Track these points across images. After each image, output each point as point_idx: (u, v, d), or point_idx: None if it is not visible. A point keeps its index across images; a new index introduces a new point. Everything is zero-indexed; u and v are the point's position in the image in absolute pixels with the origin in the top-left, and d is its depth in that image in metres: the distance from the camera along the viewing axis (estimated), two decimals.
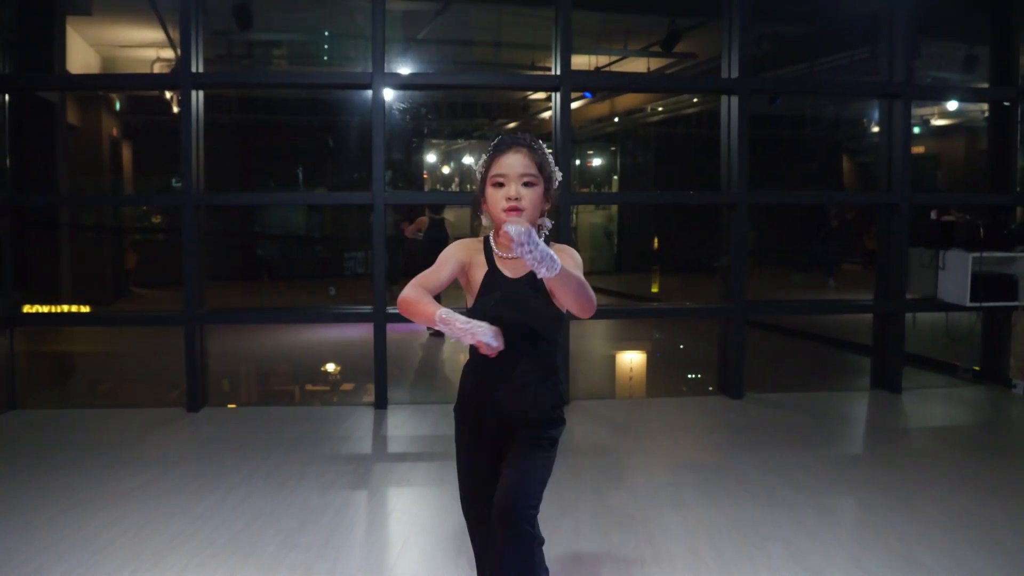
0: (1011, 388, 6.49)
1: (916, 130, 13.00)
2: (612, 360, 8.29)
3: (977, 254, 6.18)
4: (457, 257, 2.33)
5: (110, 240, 11.26)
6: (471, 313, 2.25)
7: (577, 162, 16.86)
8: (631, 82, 8.91)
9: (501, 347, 2.07)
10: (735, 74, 6.00)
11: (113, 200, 10.21)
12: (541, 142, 2.33)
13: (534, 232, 1.91)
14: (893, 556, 3.39)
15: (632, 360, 8.25)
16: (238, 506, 3.95)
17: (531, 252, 1.90)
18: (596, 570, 3.26)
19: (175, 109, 11.31)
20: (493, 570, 2.25)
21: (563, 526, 3.69)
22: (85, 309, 6.24)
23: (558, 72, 5.77)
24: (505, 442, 2.32)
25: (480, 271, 2.33)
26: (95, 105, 10.38)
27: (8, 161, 5.76)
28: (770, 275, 13.48)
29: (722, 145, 6.14)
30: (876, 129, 11.24)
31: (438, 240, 8.58)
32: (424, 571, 3.28)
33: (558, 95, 5.81)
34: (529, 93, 12.27)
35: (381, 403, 5.80)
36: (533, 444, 2.29)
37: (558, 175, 2.35)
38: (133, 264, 12.64)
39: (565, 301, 2.15)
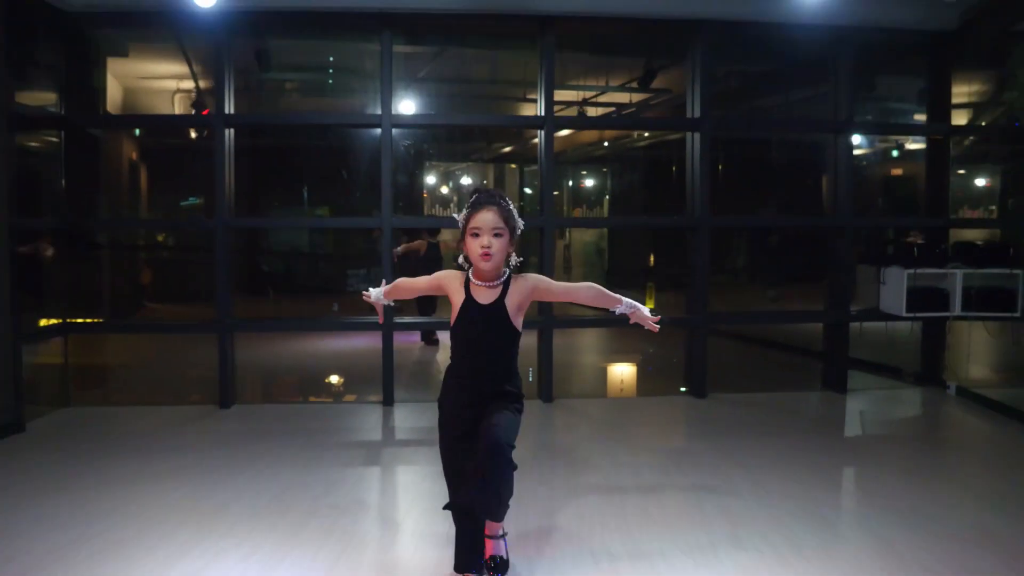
0: (946, 389, 7.31)
1: (895, 153, 13.91)
2: (590, 365, 9.12)
3: (912, 270, 7.01)
4: (440, 282, 3.32)
5: (128, 257, 12.06)
6: (454, 329, 3.25)
7: (570, 183, 17.73)
8: (608, 121, 9.96)
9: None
10: (697, 113, 6.86)
11: (153, 224, 11.12)
12: (508, 200, 3.19)
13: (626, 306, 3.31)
14: (806, 515, 4.20)
15: (610, 365, 9.06)
16: (270, 479, 4.77)
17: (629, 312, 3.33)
18: (567, 526, 4.07)
19: (192, 134, 12.18)
20: (477, 487, 3.08)
21: (540, 493, 4.52)
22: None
23: (543, 113, 6.64)
24: (480, 413, 3.20)
25: (459, 298, 3.23)
26: (117, 131, 11.21)
27: (64, 187, 6.60)
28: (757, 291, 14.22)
29: (687, 175, 7.00)
30: (855, 152, 12.08)
31: (434, 259, 9.41)
32: (426, 527, 4.10)
33: (543, 132, 6.67)
34: None
35: (388, 400, 6.63)
36: (506, 406, 3.18)
37: (520, 225, 3.22)
38: (148, 280, 13.41)
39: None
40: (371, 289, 3.58)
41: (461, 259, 3.26)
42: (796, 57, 7.64)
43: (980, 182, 12.76)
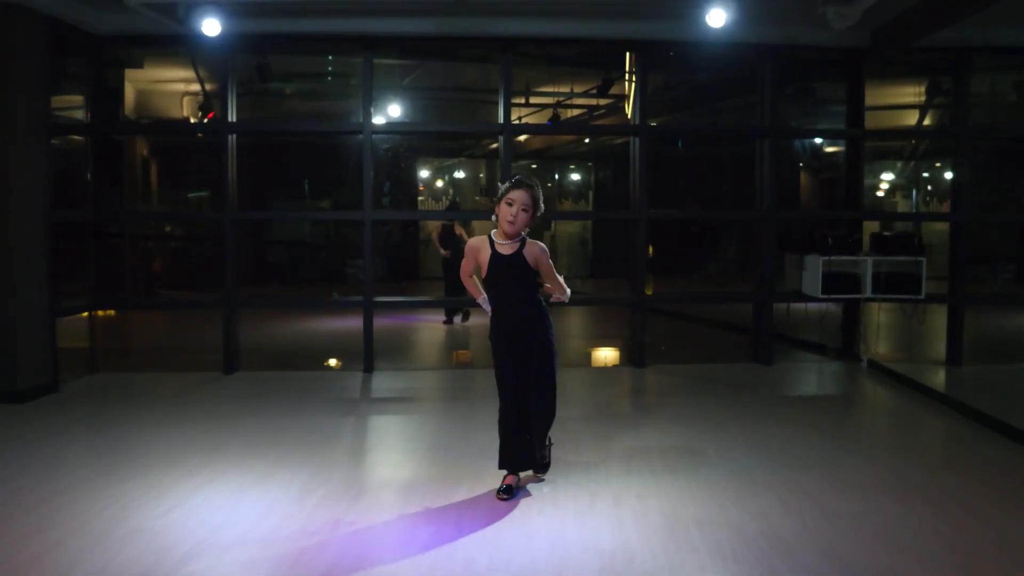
0: (859, 363, 8.34)
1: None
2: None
3: (827, 257, 8.03)
4: (471, 253, 4.36)
5: (143, 247, 13.13)
6: (487, 277, 4.30)
7: (556, 177, 18.83)
8: (560, 127, 11.09)
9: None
10: (637, 120, 7.92)
11: (171, 217, 12.39)
12: (538, 188, 4.24)
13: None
14: (687, 451, 5.26)
15: (567, 340, 10.13)
16: (266, 424, 5.86)
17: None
18: None
19: (199, 135, 13.24)
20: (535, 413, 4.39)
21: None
22: None
23: (501, 122, 7.72)
24: (524, 349, 4.33)
25: (486, 255, 4.27)
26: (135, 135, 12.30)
27: (92, 186, 7.70)
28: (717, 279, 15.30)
29: (630, 174, 8.06)
30: (831, 150, 13.04)
31: (451, 242, 10.69)
32: (387, 455, 5.19)
33: (502, 138, 7.75)
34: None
35: (368, 368, 7.73)
36: (544, 352, 4.35)
37: (542, 209, 4.29)
38: (160, 269, 14.43)
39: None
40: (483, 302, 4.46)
41: (494, 217, 4.27)
42: (728, 70, 8.69)
43: (948, 175, 13.79)
